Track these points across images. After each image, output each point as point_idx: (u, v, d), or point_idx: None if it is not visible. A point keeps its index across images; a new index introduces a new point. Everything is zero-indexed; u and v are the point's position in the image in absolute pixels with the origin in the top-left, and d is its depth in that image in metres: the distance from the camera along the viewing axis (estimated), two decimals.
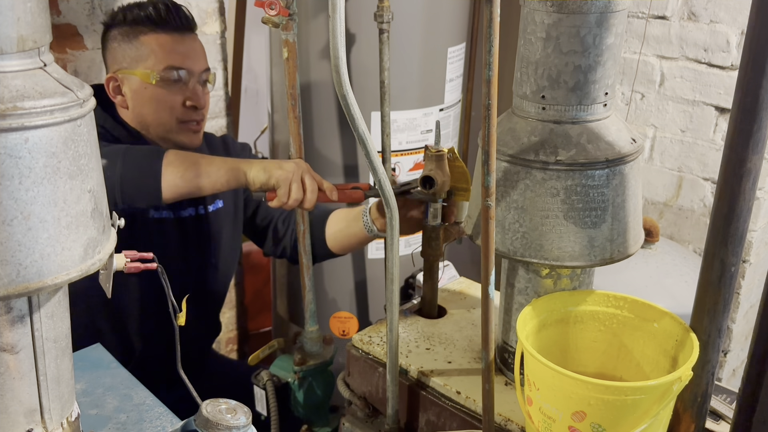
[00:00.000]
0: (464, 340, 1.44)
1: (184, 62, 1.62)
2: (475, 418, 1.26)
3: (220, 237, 1.80)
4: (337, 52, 0.94)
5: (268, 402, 1.68)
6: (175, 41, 1.62)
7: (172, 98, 1.62)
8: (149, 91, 1.61)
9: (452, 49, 1.91)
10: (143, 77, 1.60)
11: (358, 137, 1.03)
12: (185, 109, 1.64)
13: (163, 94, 1.61)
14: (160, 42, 1.61)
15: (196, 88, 1.65)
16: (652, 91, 2.23)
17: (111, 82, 1.64)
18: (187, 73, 1.63)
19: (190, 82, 1.64)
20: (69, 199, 0.80)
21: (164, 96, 1.62)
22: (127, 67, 1.62)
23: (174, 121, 1.65)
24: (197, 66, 1.65)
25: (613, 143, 1.13)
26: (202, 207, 1.75)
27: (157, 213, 1.67)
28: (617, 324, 1.18)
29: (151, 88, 1.60)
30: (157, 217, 1.68)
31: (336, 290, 2.05)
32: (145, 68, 1.60)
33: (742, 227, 0.97)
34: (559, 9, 1.07)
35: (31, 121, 0.75)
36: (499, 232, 1.17)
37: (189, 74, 1.63)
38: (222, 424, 0.84)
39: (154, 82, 1.59)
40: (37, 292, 0.80)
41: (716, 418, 1.21)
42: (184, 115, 1.65)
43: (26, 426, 0.88)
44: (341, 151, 1.92)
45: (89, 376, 1.36)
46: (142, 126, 1.66)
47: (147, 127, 1.66)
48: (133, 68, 1.61)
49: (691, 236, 2.26)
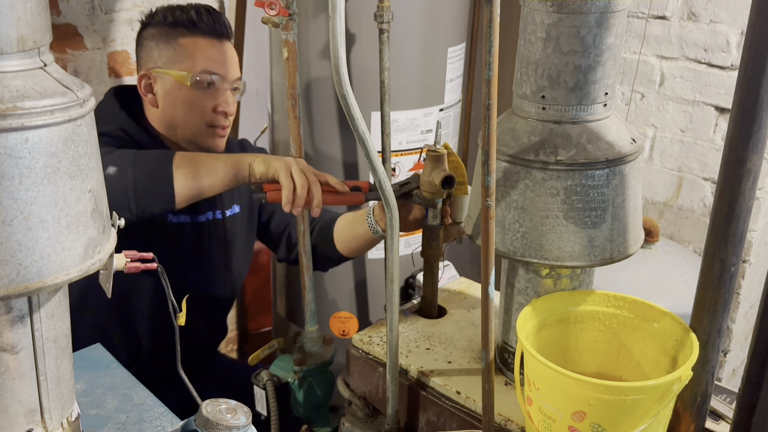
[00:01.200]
0: (464, 340, 1.44)
1: (219, 68, 1.64)
2: (475, 418, 1.26)
3: (234, 242, 1.81)
4: (337, 52, 0.94)
5: (268, 402, 1.68)
6: (212, 46, 1.64)
7: (203, 102, 1.63)
8: (183, 93, 1.62)
9: (452, 49, 1.91)
10: (178, 78, 1.61)
11: (358, 137, 1.03)
12: (215, 114, 1.65)
13: (195, 96, 1.63)
14: (198, 46, 1.62)
15: (228, 95, 1.66)
16: (652, 91, 2.23)
17: (144, 79, 1.65)
18: (221, 79, 1.64)
19: (223, 88, 1.65)
20: (69, 199, 0.80)
21: (197, 99, 1.63)
22: (162, 66, 1.63)
23: (203, 125, 1.66)
24: (231, 73, 1.66)
25: (613, 143, 1.13)
26: (219, 212, 1.77)
27: (175, 218, 1.68)
28: (617, 324, 1.18)
29: (185, 89, 1.62)
30: (176, 222, 1.69)
31: (336, 290, 2.05)
32: (180, 69, 1.61)
33: (742, 227, 0.97)
34: (559, 9, 1.07)
35: (31, 121, 0.75)
36: (499, 232, 1.17)
37: (222, 80, 1.64)
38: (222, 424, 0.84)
39: (189, 83, 1.61)
40: (37, 292, 0.80)
41: (716, 418, 1.21)
42: (214, 119, 1.66)
43: (26, 426, 0.88)
44: (341, 151, 1.92)
45: (89, 376, 1.36)
46: (169, 127, 1.67)
47: (175, 128, 1.67)
48: (168, 68, 1.62)
49: (691, 236, 2.26)
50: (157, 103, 1.65)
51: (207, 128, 1.66)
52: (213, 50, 1.64)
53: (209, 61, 1.63)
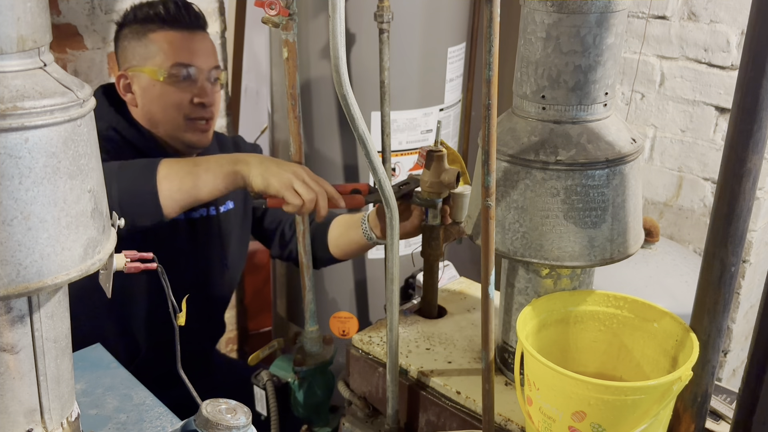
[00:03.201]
0: (464, 340, 1.44)
1: (192, 59, 1.63)
2: (475, 418, 1.26)
3: (230, 238, 1.81)
4: (337, 52, 0.94)
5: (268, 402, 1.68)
6: (184, 38, 1.63)
7: (180, 95, 1.63)
8: (157, 89, 1.62)
9: (452, 49, 1.91)
10: (151, 74, 1.60)
11: (358, 137, 1.03)
12: (193, 106, 1.64)
13: (171, 91, 1.62)
14: (169, 39, 1.62)
15: (205, 85, 1.65)
16: (652, 91, 2.23)
17: (122, 79, 1.65)
18: (196, 70, 1.63)
19: (199, 79, 1.64)
20: (69, 199, 0.80)
21: (172, 93, 1.62)
22: (137, 64, 1.63)
23: (182, 119, 1.65)
24: (206, 63, 1.65)
25: (613, 143, 1.13)
26: (213, 208, 1.76)
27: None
28: (617, 324, 1.18)
29: (159, 85, 1.61)
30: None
31: (336, 290, 2.05)
32: (153, 65, 1.61)
33: (742, 227, 0.97)
34: (560, 9, 1.07)
35: (31, 121, 0.75)
36: (499, 232, 1.17)
37: (198, 71, 1.64)
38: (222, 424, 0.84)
39: (162, 78, 1.60)
40: (37, 292, 0.80)
41: (716, 418, 1.21)
42: (193, 112, 1.65)
43: (26, 426, 0.88)
44: (341, 151, 1.92)
45: (89, 376, 1.36)
46: (151, 124, 1.66)
47: (156, 125, 1.66)
48: (142, 66, 1.62)
49: (691, 236, 2.26)
50: (137, 102, 1.65)
51: (187, 122, 1.65)
52: (184, 42, 1.62)
53: (180, 54, 1.61)
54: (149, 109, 1.64)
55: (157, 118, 1.65)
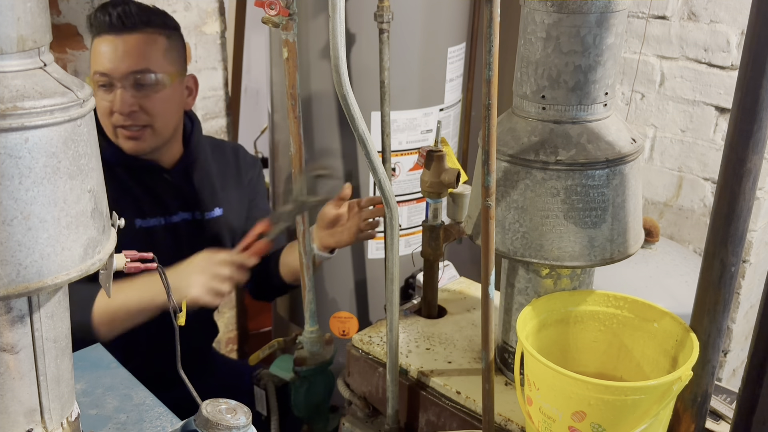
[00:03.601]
0: (464, 340, 1.44)
1: (106, 66, 1.57)
2: (475, 418, 1.26)
3: (218, 244, 1.79)
4: (337, 52, 0.94)
5: (268, 402, 1.68)
6: (108, 44, 1.57)
7: (102, 105, 1.60)
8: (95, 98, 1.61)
9: (452, 49, 1.91)
10: (90, 83, 1.59)
11: (358, 137, 1.03)
12: (114, 114, 1.60)
13: (99, 99, 1.60)
14: (98, 46, 1.59)
15: (121, 93, 1.58)
16: (652, 91, 2.23)
17: None
18: (108, 78, 1.58)
19: (116, 86, 1.59)
20: (69, 199, 0.80)
21: (99, 101, 1.60)
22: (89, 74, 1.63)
23: (110, 128, 1.62)
24: (120, 68, 1.57)
25: (613, 143, 1.13)
26: (198, 213, 1.76)
27: (144, 222, 1.67)
28: (617, 324, 1.18)
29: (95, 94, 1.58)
30: (145, 227, 1.67)
31: (336, 290, 2.05)
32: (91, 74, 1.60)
33: (742, 227, 0.97)
34: (559, 9, 1.07)
35: (31, 121, 0.75)
36: (499, 232, 1.17)
37: (110, 78, 1.58)
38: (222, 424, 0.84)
39: (94, 88, 1.58)
40: (37, 292, 0.80)
41: (716, 418, 1.21)
42: (117, 120, 1.61)
43: (26, 426, 0.88)
44: (341, 151, 1.92)
45: (89, 376, 1.36)
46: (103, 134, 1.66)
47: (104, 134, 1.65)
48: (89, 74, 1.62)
49: (691, 236, 2.26)
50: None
51: (117, 130, 1.63)
52: (107, 47, 1.57)
53: (99, 61, 1.58)
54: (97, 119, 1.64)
55: (101, 127, 1.63)
